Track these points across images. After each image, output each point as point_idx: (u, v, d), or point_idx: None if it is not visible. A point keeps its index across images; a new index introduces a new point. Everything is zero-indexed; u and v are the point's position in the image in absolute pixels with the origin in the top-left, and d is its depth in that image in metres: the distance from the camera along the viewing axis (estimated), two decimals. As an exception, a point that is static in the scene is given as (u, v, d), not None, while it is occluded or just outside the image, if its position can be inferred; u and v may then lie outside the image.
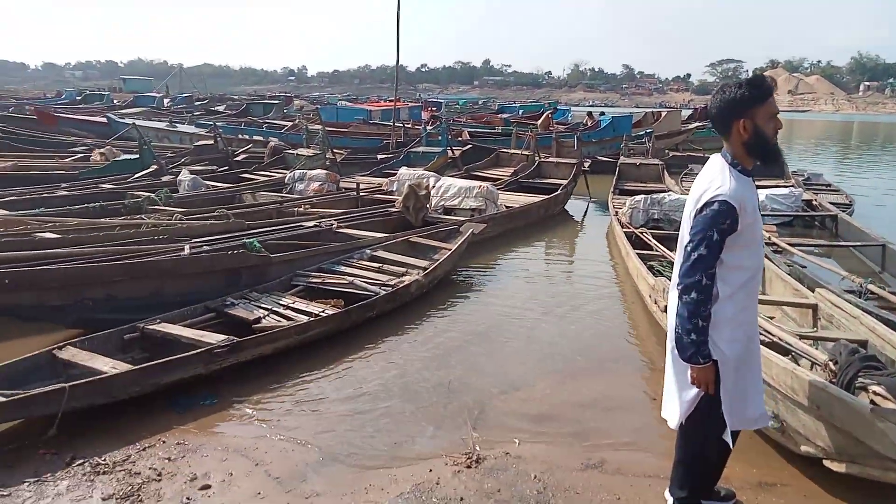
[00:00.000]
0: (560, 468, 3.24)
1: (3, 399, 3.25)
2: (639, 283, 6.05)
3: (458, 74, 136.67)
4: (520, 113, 33.29)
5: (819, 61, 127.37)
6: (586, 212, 11.15)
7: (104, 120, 18.59)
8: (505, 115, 30.45)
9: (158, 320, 4.47)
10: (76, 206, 7.36)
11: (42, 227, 6.13)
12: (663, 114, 22.25)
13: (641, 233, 7.50)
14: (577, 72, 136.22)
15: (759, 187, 2.26)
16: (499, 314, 5.73)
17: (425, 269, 6.05)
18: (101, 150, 12.07)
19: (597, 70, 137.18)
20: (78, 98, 36.23)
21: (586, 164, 12.01)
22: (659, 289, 4.95)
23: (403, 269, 6.04)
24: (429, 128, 16.82)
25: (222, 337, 4.14)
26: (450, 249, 6.65)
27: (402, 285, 5.59)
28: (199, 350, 3.99)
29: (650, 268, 6.07)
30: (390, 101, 36.33)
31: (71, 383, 3.40)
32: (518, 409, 3.92)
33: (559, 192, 10.35)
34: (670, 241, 7.17)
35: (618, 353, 4.95)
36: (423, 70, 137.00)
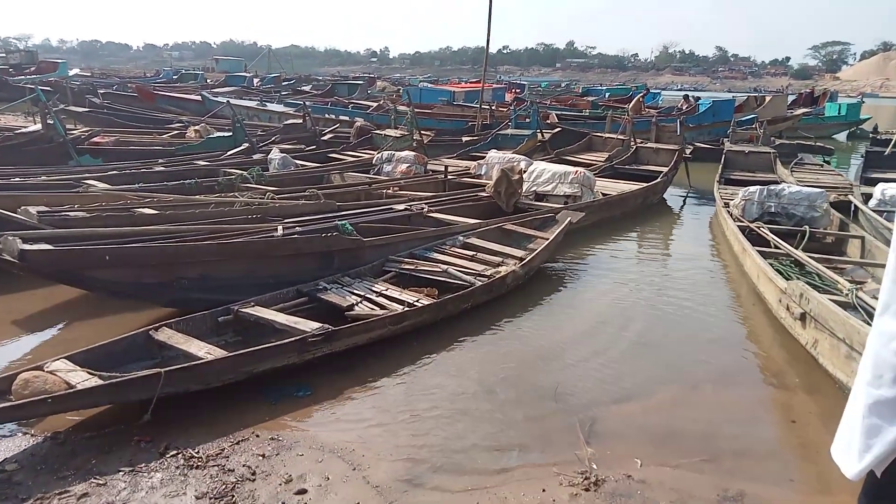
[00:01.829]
0: (693, 499, 2.83)
1: (102, 382, 3.16)
2: (760, 285, 5.45)
3: (539, 56, 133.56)
4: (606, 96, 32.11)
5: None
6: (685, 202, 10.42)
7: (199, 98, 19.13)
8: (591, 98, 29.45)
9: (252, 303, 4.32)
10: (172, 182, 7.43)
11: (140, 203, 6.18)
12: (767, 98, 20.71)
13: (758, 227, 6.82)
14: (665, 54, 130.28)
15: None
16: (602, 312, 5.30)
17: (521, 259, 5.69)
18: (196, 127, 12.32)
19: (687, 52, 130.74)
20: (174, 77, 37.86)
21: (688, 151, 11.19)
22: (794, 294, 4.38)
23: (499, 259, 5.70)
24: (517, 109, 16.29)
25: (316, 325, 3.94)
26: (546, 239, 6.24)
27: (498, 276, 5.24)
28: (293, 338, 3.80)
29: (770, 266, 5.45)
30: (471, 82, 35.93)
31: (167, 368, 3.27)
32: (636, 423, 3.52)
33: (659, 179, 9.67)
34: (790, 238, 6.49)
35: (740, 365, 4.42)
36: (505, 52, 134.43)
